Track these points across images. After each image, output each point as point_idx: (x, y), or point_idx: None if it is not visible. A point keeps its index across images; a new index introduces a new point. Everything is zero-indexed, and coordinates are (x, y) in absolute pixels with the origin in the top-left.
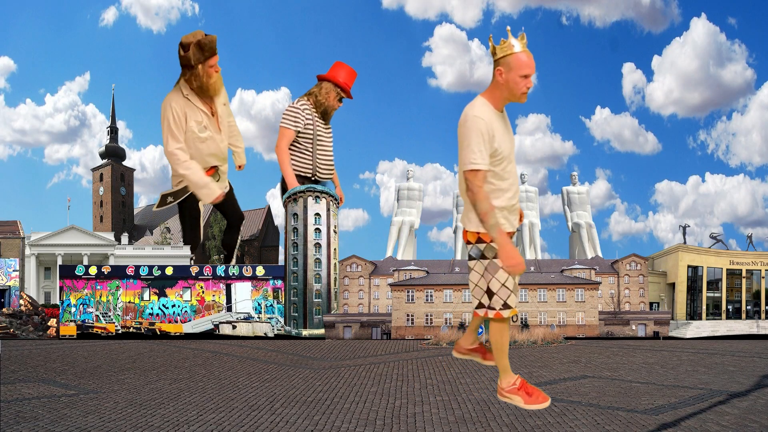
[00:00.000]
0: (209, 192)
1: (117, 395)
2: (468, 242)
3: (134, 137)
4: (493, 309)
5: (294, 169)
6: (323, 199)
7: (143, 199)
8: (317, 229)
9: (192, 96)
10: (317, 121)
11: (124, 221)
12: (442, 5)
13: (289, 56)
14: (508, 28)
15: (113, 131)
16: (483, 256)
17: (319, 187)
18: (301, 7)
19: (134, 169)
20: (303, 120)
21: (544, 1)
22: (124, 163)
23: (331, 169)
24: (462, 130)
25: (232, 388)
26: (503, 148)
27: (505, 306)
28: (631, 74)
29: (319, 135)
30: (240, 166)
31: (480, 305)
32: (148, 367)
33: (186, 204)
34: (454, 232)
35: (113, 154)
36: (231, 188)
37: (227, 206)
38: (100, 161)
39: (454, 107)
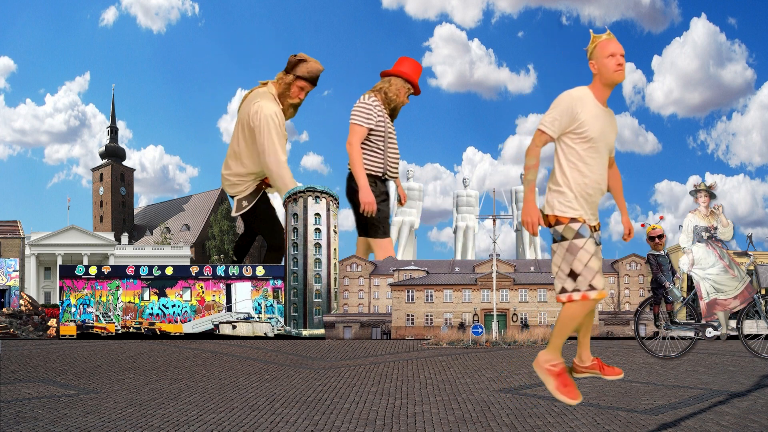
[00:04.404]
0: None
1: (117, 395)
2: (549, 225)
3: (134, 137)
4: (578, 291)
5: (365, 168)
6: (323, 199)
7: (143, 199)
8: (317, 229)
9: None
10: (387, 118)
11: (124, 221)
12: (442, 5)
13: (289, 56)
14: (592, 33)
15: (113, 131)
16: (563, 238)
17: (319, 187)
18: (301, 7)
19: (134, 169)
20: (375, 117)
21: (544, 1)
22: (124, 163)
23: (398, 168)
24: (555, 100)
25: (232, 388)
26: (590, 130)
27: (591, 287)
28: (631, 74)
29: (389, 132)
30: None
31: (562, 290)
32: (148, 367)
33: (258, 205)
34: (454, 232)
35: (113, 154)
36: (274, 210)
37: (268, 226)
38: (100, 161)
39: (454, 107)
